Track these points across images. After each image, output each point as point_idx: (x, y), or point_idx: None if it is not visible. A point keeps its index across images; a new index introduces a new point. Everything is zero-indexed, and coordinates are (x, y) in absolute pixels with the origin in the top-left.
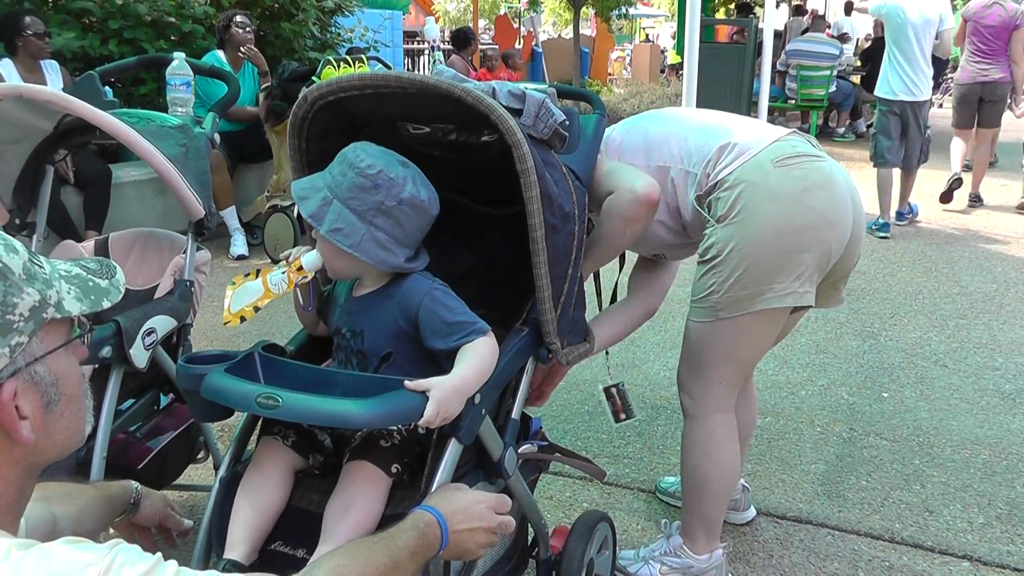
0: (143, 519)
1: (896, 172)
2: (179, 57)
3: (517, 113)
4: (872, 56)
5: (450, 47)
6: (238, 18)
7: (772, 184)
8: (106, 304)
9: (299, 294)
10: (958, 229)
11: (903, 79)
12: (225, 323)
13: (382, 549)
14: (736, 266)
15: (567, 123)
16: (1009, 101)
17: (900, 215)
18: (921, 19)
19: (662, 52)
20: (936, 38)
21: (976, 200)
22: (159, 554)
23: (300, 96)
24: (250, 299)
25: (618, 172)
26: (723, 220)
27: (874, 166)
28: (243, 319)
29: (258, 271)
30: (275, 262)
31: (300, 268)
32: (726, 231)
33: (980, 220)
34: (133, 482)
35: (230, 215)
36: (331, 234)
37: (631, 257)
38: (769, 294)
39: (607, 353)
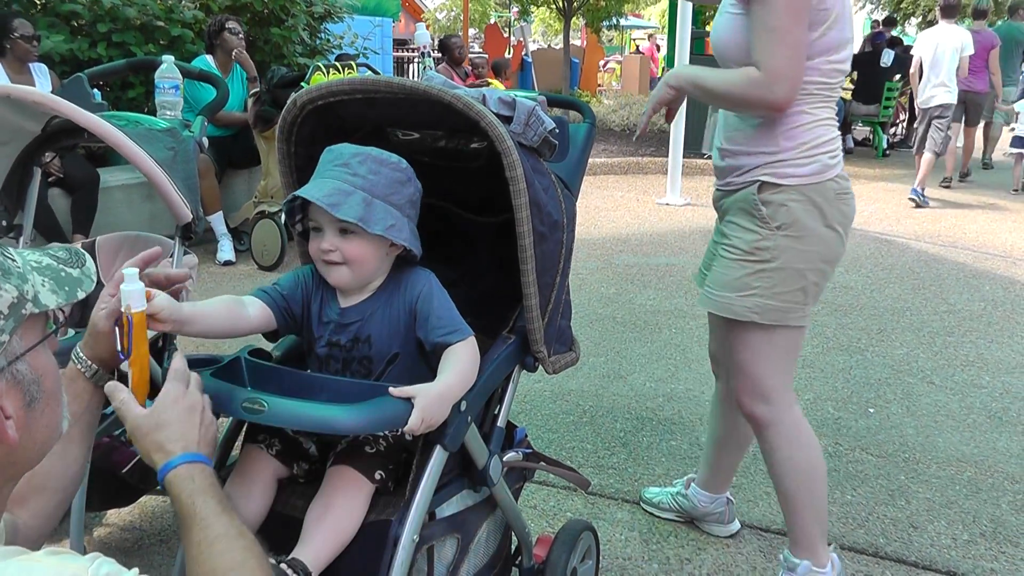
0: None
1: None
2: (168, 60)
3: (507, 120)
4: (859, 65)
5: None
6: (230, 24)
7: (829, 214)
8: (81, 294)
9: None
10: (946, 246)
11: (931, 90)
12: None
13: (223, 544)
14: (783, 279)
15: (557, 131)
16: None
17: (914, 191)
18: (948, 47)
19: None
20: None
21: (966, 175)
22: (135, 569)
23: (290, 100)
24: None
25: (774, 51)
26: (781, 228)
27: (915, 153)
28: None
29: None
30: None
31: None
32: (782, 240)
33: (968, 237)
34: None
35: (217, 220)
36: (389, 231)
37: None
38: (799, 313)
39: None
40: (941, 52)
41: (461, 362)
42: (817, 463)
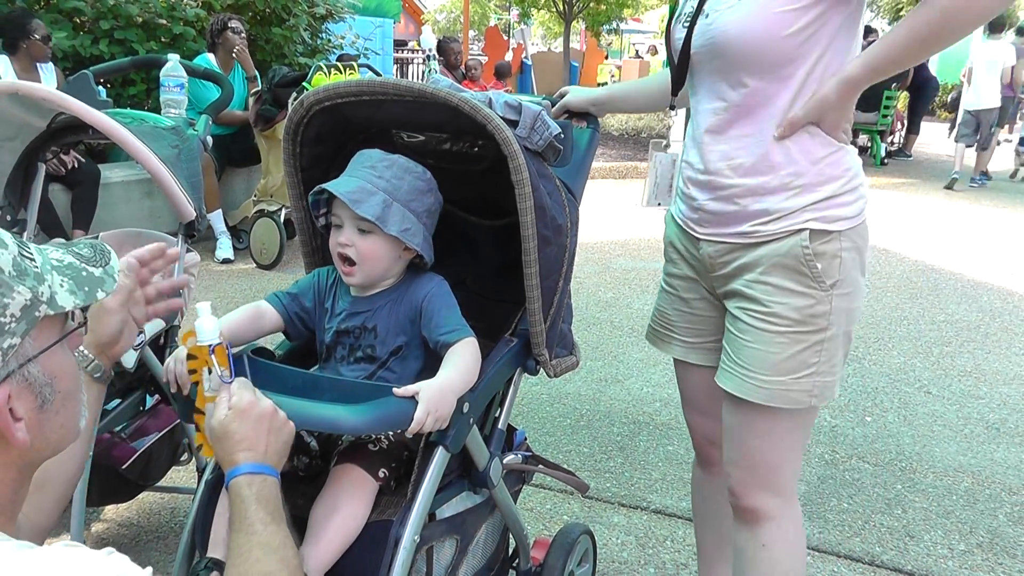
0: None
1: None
2: (173, 59)
3: (513, 124)
4: None
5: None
6: (233, 23)
7: (865, 259)
8: (101, 295)
9: (217, 368)
10: (944, 256)
11: (975, 96)
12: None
13: (261, 552)
14: (838, 347)
15: (562, 136)
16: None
17: (973, 179)
18: (997, 59)
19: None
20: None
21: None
22: (149, 568)
23: (296, 101)
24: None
25: None
26: (835, 287)
27: (955, 141)
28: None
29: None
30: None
31: (219, 348)
32: (837, 302)
33: (966, 248)
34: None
35: (217, 219)
36: (403, 234)
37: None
38: (837, 382)
39: None
40: (991, 62)
41: (461, 359)
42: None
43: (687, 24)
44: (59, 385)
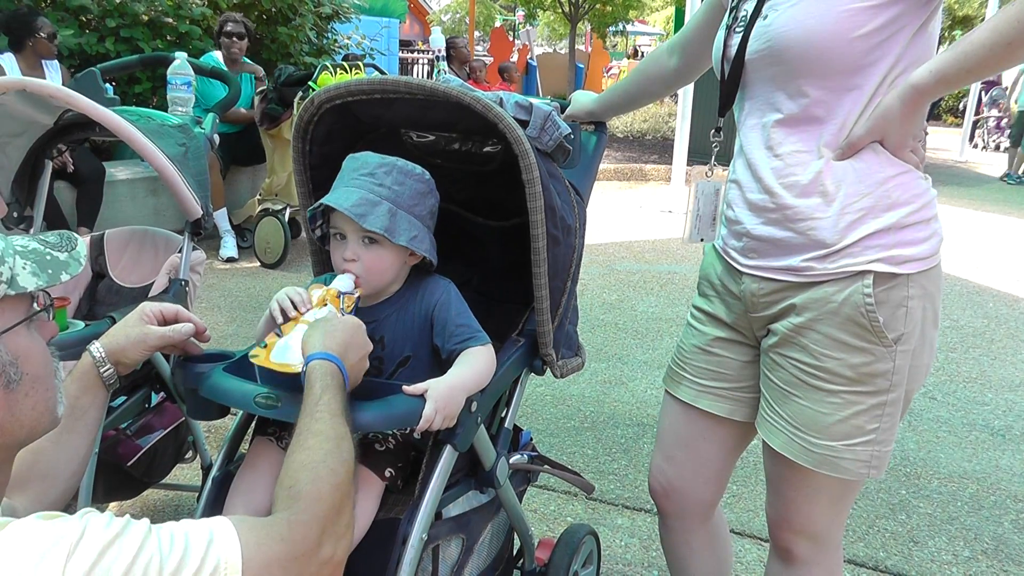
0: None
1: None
2: (181, 57)
3: (523, 124)
4: None
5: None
6: (228, 27)
7: (937, 302)
8: (65, 277)
9: (341, 307)
10: (950, 263)
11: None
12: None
13: (315, 440)
14: (897, 412)
15: (572, 137)
16: None
17: (1012, 176)
18: None
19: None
20: None
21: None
22: (127, 516)
23: (307, 99)
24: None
25: None
26: (899, 342)
27: (1011, 147)
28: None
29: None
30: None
31: (350, 296)
32: (901, 360)
33: (971, 253)
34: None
35: (221, 217)
36: (412, 242)
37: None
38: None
39: None
40: None
41: (475, 360)
42: None
43: (741, 30)
44: (25, 367)
